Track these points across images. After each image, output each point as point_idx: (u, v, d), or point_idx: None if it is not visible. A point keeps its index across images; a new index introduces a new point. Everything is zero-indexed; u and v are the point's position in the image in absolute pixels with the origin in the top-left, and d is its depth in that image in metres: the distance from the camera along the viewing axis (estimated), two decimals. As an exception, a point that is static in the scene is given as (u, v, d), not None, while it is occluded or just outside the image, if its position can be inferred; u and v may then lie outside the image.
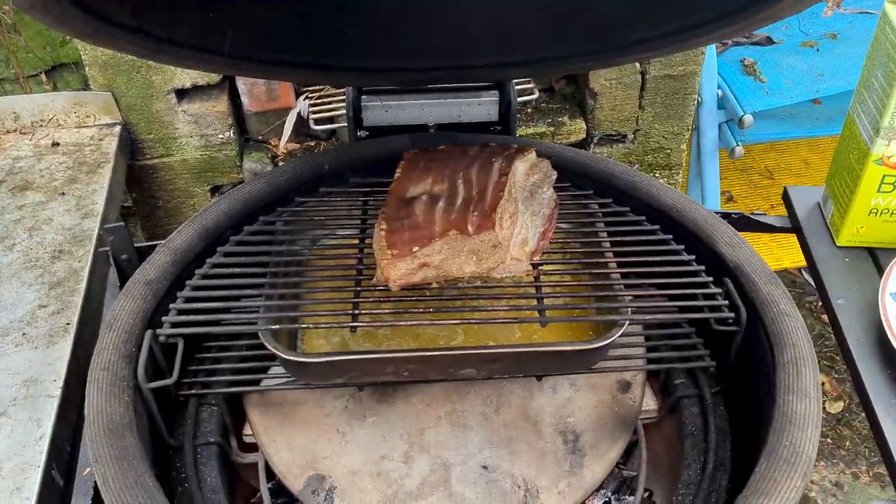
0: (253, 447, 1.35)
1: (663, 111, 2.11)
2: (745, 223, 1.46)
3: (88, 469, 1.15)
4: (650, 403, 1.39)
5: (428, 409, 1.34)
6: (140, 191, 2.07)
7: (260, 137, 2.11)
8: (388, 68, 1.46)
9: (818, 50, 2.38)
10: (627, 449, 1.34)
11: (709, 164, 2.33)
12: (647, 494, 1.38)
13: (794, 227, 1.41)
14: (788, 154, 2.98)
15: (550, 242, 1.34)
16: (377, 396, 1.35)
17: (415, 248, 1.22)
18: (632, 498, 1.43)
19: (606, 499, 1.43)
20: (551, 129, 2.09)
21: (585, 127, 2.12)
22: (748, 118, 2.19)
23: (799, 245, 1.38)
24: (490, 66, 1.46)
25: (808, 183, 2.89)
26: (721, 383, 1.32)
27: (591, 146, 2.15)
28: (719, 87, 2.26)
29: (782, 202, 1.46)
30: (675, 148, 2.20)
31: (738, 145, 2.30)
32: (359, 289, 1.27)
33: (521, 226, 1.29)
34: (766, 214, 1.47)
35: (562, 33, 1.38)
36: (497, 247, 1.24)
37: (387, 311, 1.25)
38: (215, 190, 2.14)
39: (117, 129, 1.92)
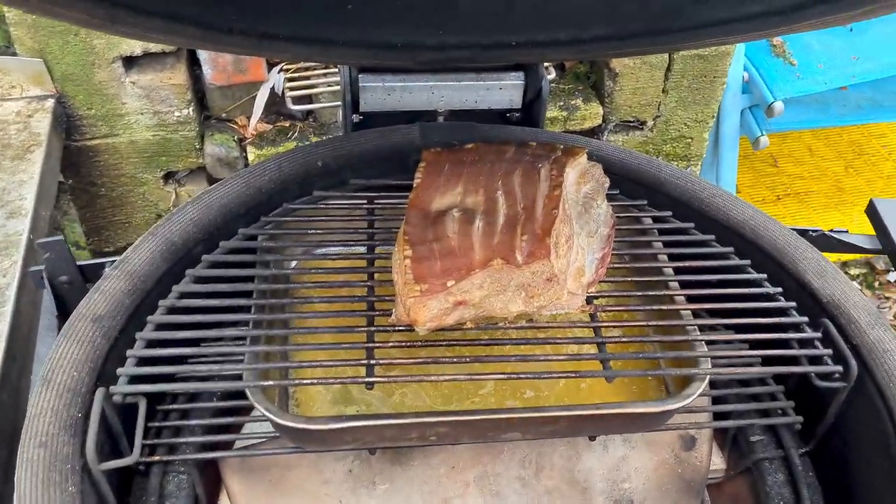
0: (231, 520, 1.08)
1: (688, 95, 1.86)
2: (824, 243, 1.23)
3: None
4: (717, 462, 1.16)
5: (453, 472, 1.08)
6: (78, 177, 1.73)
7: (224, 116, 1.79)
8: (400, 44, 1.17)
9: (851, 29, 2.16)
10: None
11: (727, 154, 2.10)
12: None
13: (888, 248, 1.19)
14: (792, 140, 2.78)
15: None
16: (389, 457, 1.09)
17: (449, 283, 0.95)
18: (694, 575, 1.21)
19: (665, 578, 1.20)
20: (564, 113, 1.83)
21: (602, 112, 1.86)
22: (778, 105, 1.96)
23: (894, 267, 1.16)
24: (527, 44, 1.18)
25: (813, 172, 2.70)
26: (809, 443, 1.09)
27: (605, 133, 1.90)
28: (745, 69, 2.01)
29: (853, 222, 1.23)
30: (696, 137, 1.96)
31: (763, 135, 2.07)
32: (373, 329, 0.99)
33: (576, 251, 1.03)
34: (847, 232, 1.25)
35: (619, 9, 1.11)
36: (552, 280, 0.98)
37: (409, 360, 0.98)
38: (169, 177, 1.81)
39: (50, 102, 1.57)
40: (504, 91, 1.34)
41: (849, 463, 1.03)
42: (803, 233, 1.22)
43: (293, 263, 1.16)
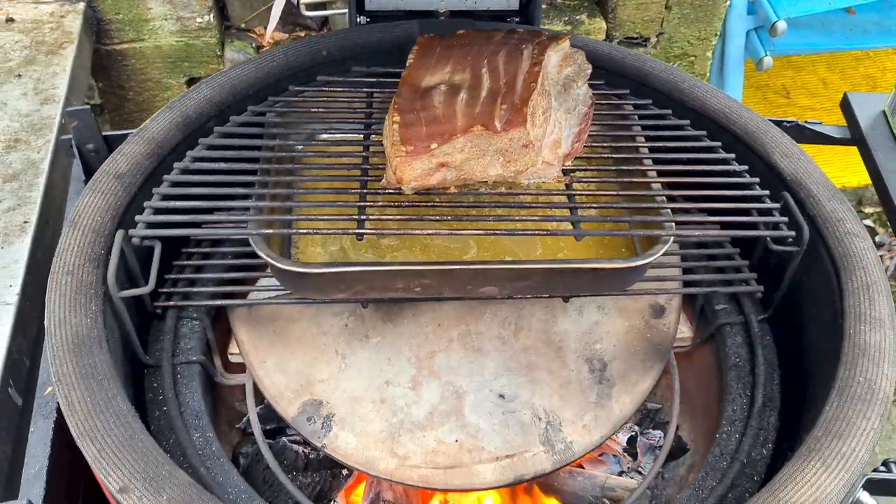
0: (240, 368, 1.20)
1: (691, 12, 1.91)
2: (798, 134, 1.30)
3: (50, 388, 0.99)
4: (684, 331, 1.25)
5: (439, 330, 1.19)
6: (108, 80, 1.84)
7: (243, 25, 1.89)
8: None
9: (857, -51, 2.17)
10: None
11: (732, 76, 2.15)
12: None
13: (856, 138, 1.25)
14: (806, 72, 2.80)
15: (584, 146, 1.17)
16: (381, 315, 1.20)
17: (433, 146, 1.04)
18: (659, 433, 1.31)
19: (632, 433, 1.31)
20: (568, 27, 1.89)
21: (605, 27, 1.92)
22: (781, 25, 2.00)
23: (861, 159, 1.23)
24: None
25: (825, 104, 2.73)
26: (768, 310, 1.18)
27: (609, 50, 1.95)
28: (749, -12, 2.05)
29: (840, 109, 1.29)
30: (700, 55, 2.02)
31: (766, 55, 2.12)
32: (365, 191, 1.09)
33: (553, 124, 1.12)
34: (821, 123, 1.31)
35: None
36: (528, 147, 1.07)
37: (396, 217, 1.08)
38: (191, 82, 1.92)
39: (81, 5, 1.68)
40: (502, -10, 1.42)
41: (802, 325, 1.12)
42: (778, 123, 1.29)
43: (298, 147, 1.26)
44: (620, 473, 1.30)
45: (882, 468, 0.87)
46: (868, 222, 2.88)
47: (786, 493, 0.82)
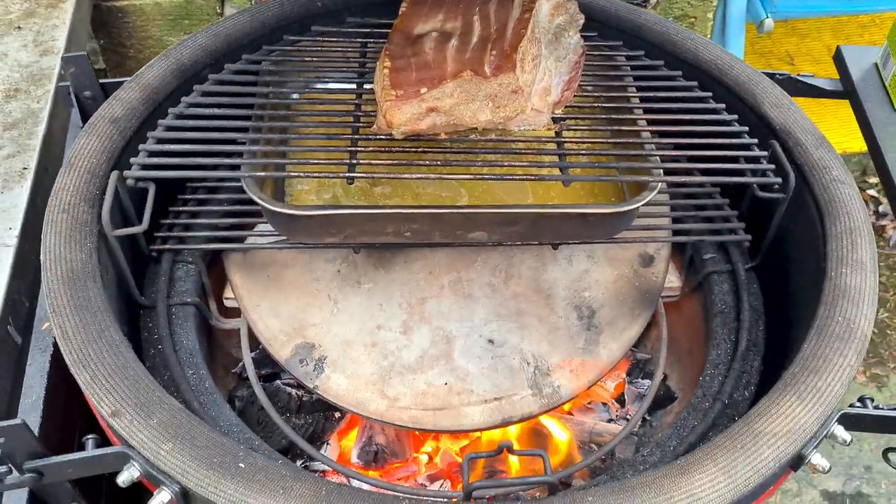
0: (234, 313, 1.22)
1: (692, -28, 1.91)
2: (790, 86, 1.30)
3: (47, 323, 1.02)
4: (672, 280, 1.26)
5: (430, 277, 1.21)
6: (108, 37, 1.85)
7: (244, -16, 1.90)
8: None
9: None
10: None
11: (733, 38, 2.14)
12: (661, 378, 1.27)
13: (848, 91, 1.26)
14: (811, 39, 2.78)
15: (574, 95, 1.18)
16: (374, 261, 1.22)
17: (423, 90, 1.06)
18: (647, 382, 1.33)
19: (619, 381, 1.33)
20: (567, -13, 1.88)
21: (604, -13, 1.91)
22: (783, -15, 1.99)
23: (853, 112, 1.23)
24: None
25: (831, 72, 2.71)
26: (755, 259, 1.19)
27: (609, 11, 1.95)
28: (752, -53, 2.04)
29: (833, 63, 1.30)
30: (700, 17, 2.01)
31: (767, 17, 2.11)
32: (356, 137, 1.11)
33: (543, 72, 1.13)
34: (814, 76, 1.32)
35: None
36: (517, 92, 1.08)
37: (387, 162, 1.09)
38: (193, 42, 1.92)
39: (81, -39, 1.69)
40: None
41: (788, 273, 1.13)
42: (770, 75, 1.29)
43: (293, 95, 1.27)
44: (609, 421, 1.32)
45: (857, 403, 0.89)
46: (872, 192, 2.87)
47: (760, 424, 0.83)
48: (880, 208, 2.86)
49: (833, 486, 2.02)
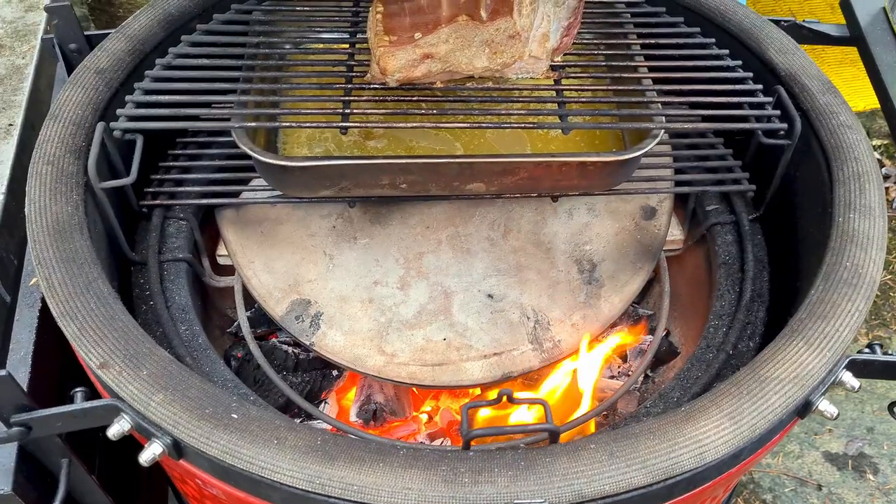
0: (228, 271, 1.20)
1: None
2: (795, 33, 1.27)
3: (35, 279, 1.00)
4: (675, 233, 1.24)
5: (427, 231, 1.18)
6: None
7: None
8: None
9: None
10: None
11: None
12: (664, 334, 1.25)
13: (855, 37, 1.22)
14: (814, -2, 2.74)
15: (574, 43, 1.14)
16: (370, 217, 1.19)
17: (417, 35, 1.02)
18: (650, 338, 1.31)
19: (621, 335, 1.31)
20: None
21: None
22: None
23: (860, 58, 1.20)
24: None
25: (831, 27, 2.66)
26: (759, 209, 1.17)
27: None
28: None
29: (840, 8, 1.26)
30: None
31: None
32: (350, 86, 1.08)
33: (541, 17, 1.09)
34: (818, 22, 1.28)
35: None
36: (514, 38, 1.05)
37: (381, 112, 1.06)
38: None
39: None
40: None
41: (793, 223, 1.11)
42: (776, 22, 1.25)
43: (284, 45, 1.24)
44: (611, 377, 1.30)
45: (866, 350, 0.87)
46: (875, 155, 2.84)
47: (767, 370, 0.81)
48: (883, 170, 2.83)
49: (835, 447, 2.01)
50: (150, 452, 0.77)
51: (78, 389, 0.80)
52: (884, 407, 2.07)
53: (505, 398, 0.78)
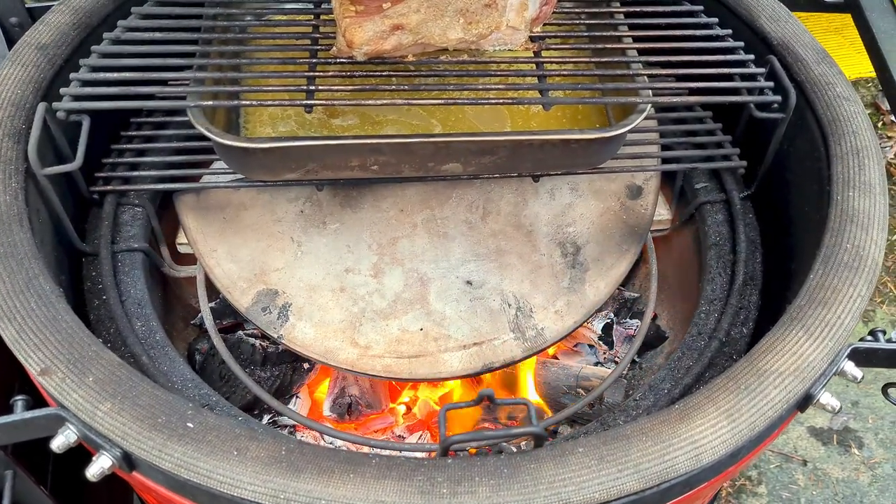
0: (189, 259, 1.13)
1: None
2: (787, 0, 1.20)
3: (-27, 276, 0.92)
4: (662, 213, 1.18)
5: (401, 215, 1.12)
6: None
7: None
8: None
9: None
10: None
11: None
12: (651, 318, 1.19)
13: (849, 3, 1.16)
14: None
15: (554, 12, 1.07)
16: (340, 200, 1.12)
17: (385, 5, 0.95)
18: (636, 322, 1.26)
19: (608, 321, 1.25)
20: None
21: None
22: None
23: (855, 25, 1.14)
24: None
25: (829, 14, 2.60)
26: (751, 186, 1.11)
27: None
28: None
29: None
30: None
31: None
32: (315, 61, 1.00)
33: (520, -16, 1.02)
34: (812, -11, 1.22)
35: None
36: (491, 6, 0.98)
37: (349, 88, 0.99)
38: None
39: None
40: None
41: (787, 201, 1.05)
42: (765, -11, 1.19)
43: (245, 16, 1.15)
44: (597, 364, 1.25)
45: (869, 337, 0.81)
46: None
47: (765, 361, 0.76)
48: (880, 147, 2.79)
49: (820, 422, 1.99)
50: (98, 466, 0.71)
51: (18, 398, 0.73)
52: (868, 381, 2.05)
53: (486, 399, 0.72)
